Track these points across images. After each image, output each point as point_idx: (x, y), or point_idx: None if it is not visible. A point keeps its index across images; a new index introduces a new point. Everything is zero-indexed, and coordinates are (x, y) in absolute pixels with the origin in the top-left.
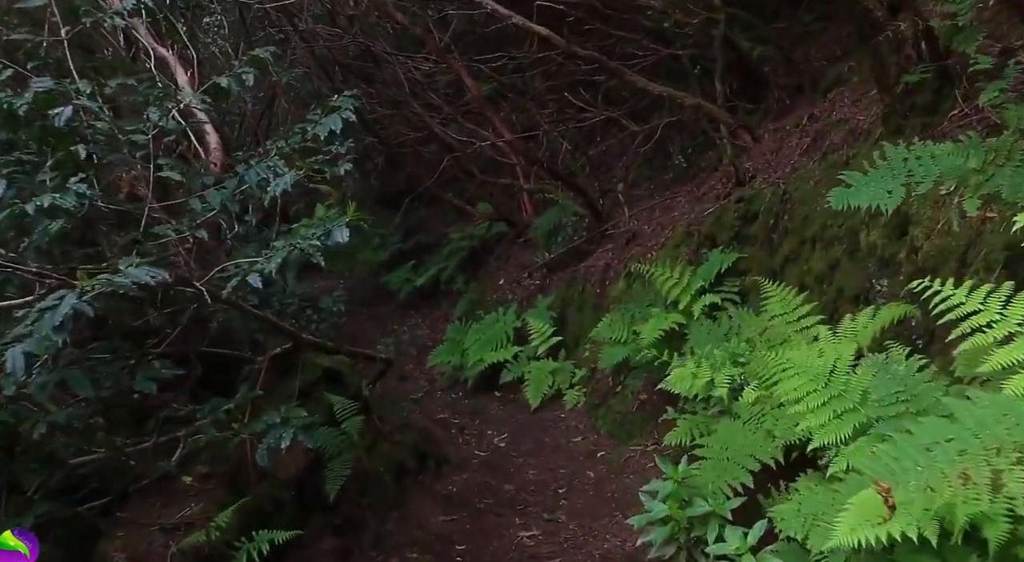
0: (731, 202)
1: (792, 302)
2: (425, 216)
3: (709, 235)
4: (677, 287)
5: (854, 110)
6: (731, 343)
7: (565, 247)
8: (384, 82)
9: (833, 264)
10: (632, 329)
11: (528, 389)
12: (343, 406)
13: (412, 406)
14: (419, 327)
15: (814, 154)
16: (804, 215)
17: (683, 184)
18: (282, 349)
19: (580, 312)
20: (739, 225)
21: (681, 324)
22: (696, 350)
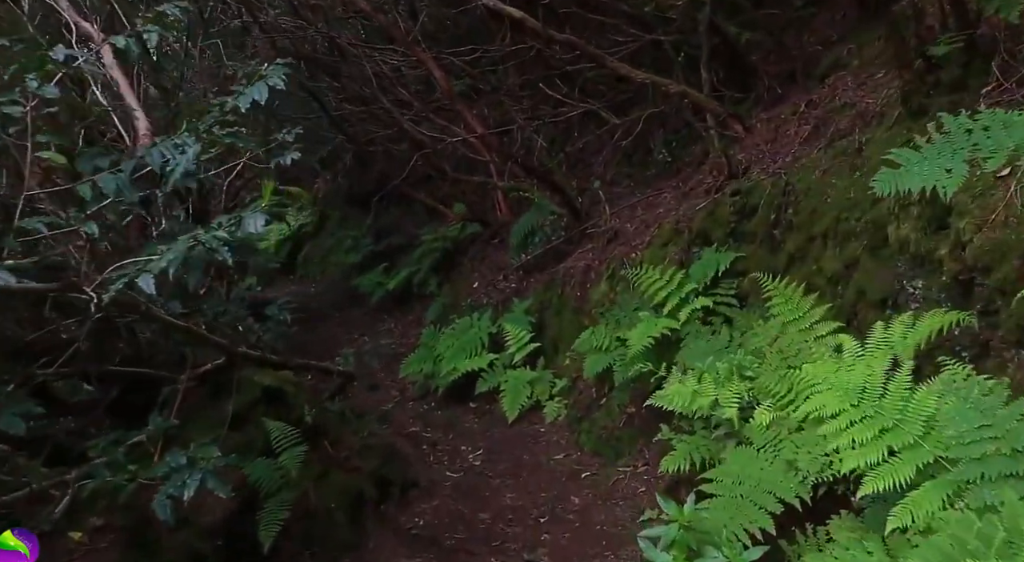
0: (725, 196)
1: (803, 305)
2: (398, 217)
3: (701, 232)
4: (666, 289)
5: (860, 94)
6: (736, 354)
7: (542, 248)
8: (351, 77)
9: (850, 263)
10: (617, 335)
11: (504, 400)
12: (282, 433)
13: (377, 426)
14: (391, 332)
15: (817, 142)
16: (812, 208)
17: (667, 179)
18: (213, 365)
19: (559, 316)
20: (735, 221)
21: (673, 330)
22: (694, 362)
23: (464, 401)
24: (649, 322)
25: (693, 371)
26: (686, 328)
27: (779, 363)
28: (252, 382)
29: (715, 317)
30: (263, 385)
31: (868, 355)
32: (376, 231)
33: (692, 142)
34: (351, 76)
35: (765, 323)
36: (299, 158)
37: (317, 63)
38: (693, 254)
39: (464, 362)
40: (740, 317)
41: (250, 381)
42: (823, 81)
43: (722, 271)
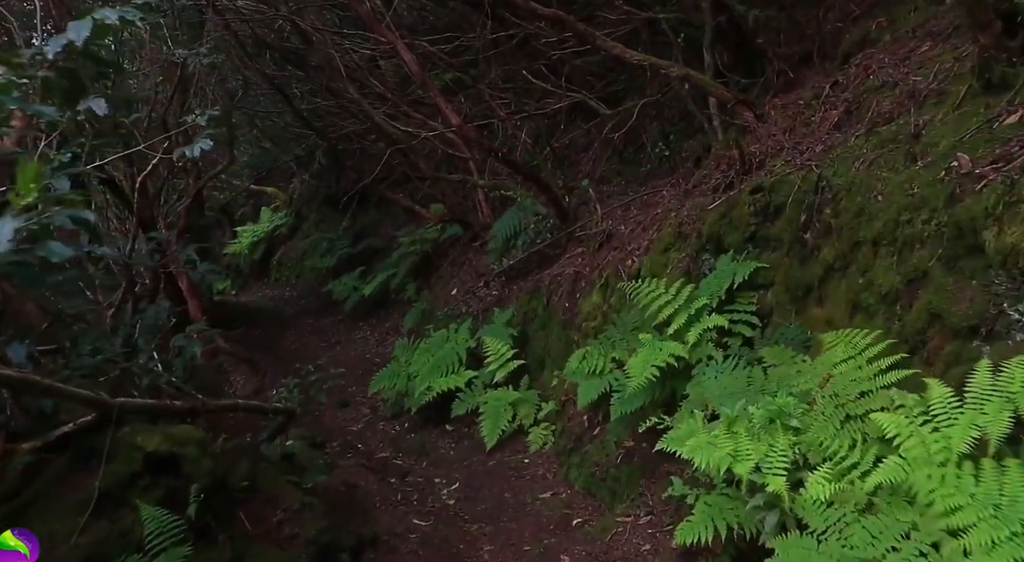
0: (743, 194)
1: (855, 335)
2: (376, 218)
3: (713, 237)
4: (672, 306)
5: (902, 70)
6: (777, 397)
7: (526, 252)
8: (319, 67)
9: (916, 277)
10: (613, 356)
11: (484, 424)
12: (160, 526)
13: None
14: (367, 340)
15: (853, 128)
16: (857, 208)
17: (664, 176)
18: (76, 424)
19: (545, 330)
20: (756, 223)
21: (681, 359)
22: (720, 404)
23: (440, 423)
24: (652, 346)
25: (722, 418)
26: (697, 352)
27: (833, 411)
28: (132, 446)
29: (732, 339)
30: (149, 449)
31: (973, 408)
32: (353, 233)
33: (693, 134)
34: (319, 66)
35: (810, 358)
36: (210, 147)
37: (281, 52)
38: (703, 262)
39: (439, 380)
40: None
41: (131, 445)
42: (846, 61)
43: (739, 283)
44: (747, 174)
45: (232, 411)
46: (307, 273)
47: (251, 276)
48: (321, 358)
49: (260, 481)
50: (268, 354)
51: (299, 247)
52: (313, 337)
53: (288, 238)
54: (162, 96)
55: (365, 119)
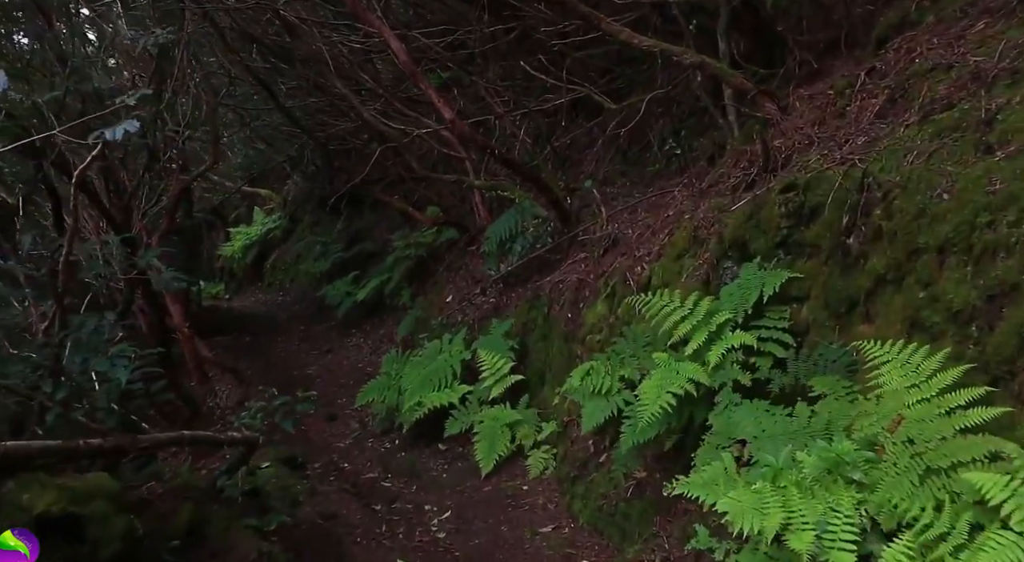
0: (772, 193)
1: (911, 350)
2: (371, 221)
3: (736, 242)
4: (690, 321)
5: (958, 51)
6: (831, 441)
7: (525, 257)
8: (305, 60)
9: (1000, 292)
10: (622, 375)
11: (479, 447)
12: None
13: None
14: (360, 348)
15: (901, 117)
16: (916, 208)
17: (674, 175)
18: None
19: (546, 342)
20: (788, 226)
21: (701, 385)
22: (760, 449)
23: (433, 441)
24: (667, 368)
25: (762, 466)
26: (720, 376)
27: (909, 462)
28: (16, 506)
29: (760, 359)
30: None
31: None
32: (348, 236)
33: (704, 130)
34: (306, 60)
35: (872, 395)
36: (135, 130)
37: (266, 45)
38: (724, 271)
39: (431, 395)
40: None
41: (14, 504)
42: (881, 46)
43: (769, 296)
44: (771, 171)
45: (175, 445)
46: (301, 277)
47: (244, 280)
48: (312, 367)
49: (209, 528)
50: (257, 362)
51: (293, 250)
52: (304, 344)
53: (282, 241)
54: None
55: (356, 117)
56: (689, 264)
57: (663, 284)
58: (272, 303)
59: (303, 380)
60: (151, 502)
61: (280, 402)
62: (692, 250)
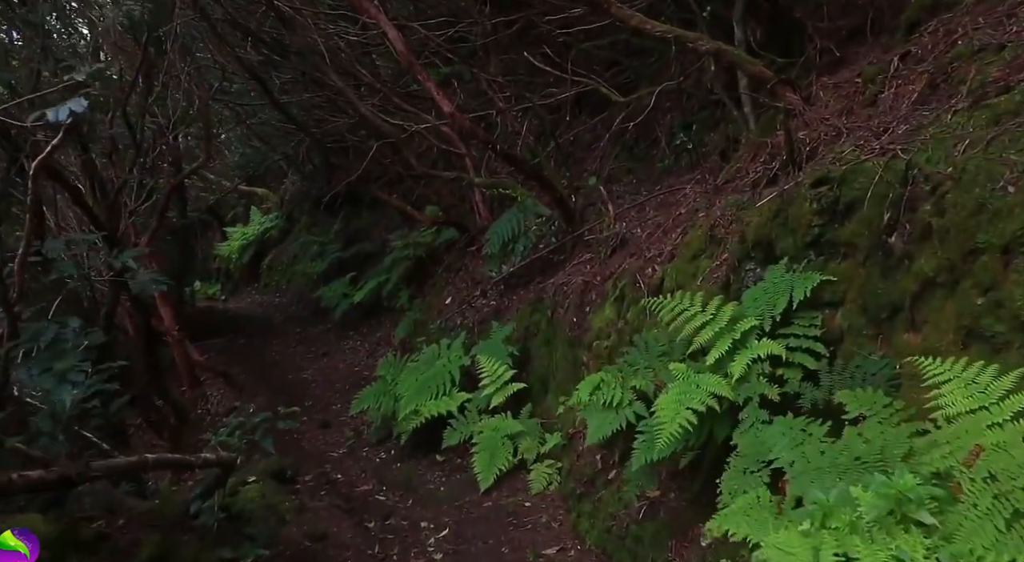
0: (802, 188)
1: (977, 368)
2: (369, 221)
3: (761, 241)
4: (711, 328)
5: (1008, 31)
6: (891, 475)
7: (527, 258)
8: (300, 53)
9: None
10: (633, 385)
11: (478, 459)
12: None
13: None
14: (356, 351)
15: (947, 102)
16: (974, 203)
17: (685, 172)
18: None
19: (549, 347)
20: (820, 223)
21: (725, 398)
22: (803, 484)
23: (430, 451)
24: (686, 381)
25: (809, 503)
26: (745, 390)
27: (992, 504)
28: None
29: (789, 371)
30: None
31: None
32: (345, 236)
33: (717, 124)
34: (300, 52)
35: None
36: (83, 110)
37: (259, 36)
38: (746, 273)
39: (429, 403)
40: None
41: None
42: (913, 31)
43: (798, 301)
44: (796, 165)
45: (136, 472)
46: (297, 278)
47: (241, 280)
48: (307, 370)
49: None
50: (251, 366)
51: (290, 251)
52: (300, 347)
53: (279, 241)
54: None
55: (353, 112)
56: (705, 265)
57: (677, 287)
58: (268, 304)
59: (298, 385)
60: (108, 536)
61: (260, 418)
62: (709, 250)
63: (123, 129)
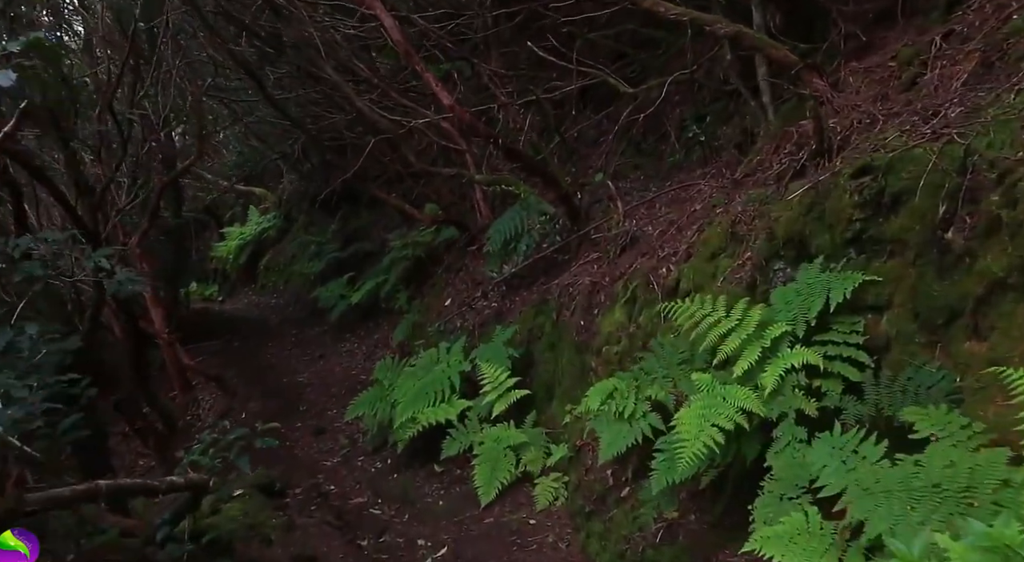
0: (840, 178)
1: None
2: (368, 220)
3: (793, 238)
4: (738, 335)
5: None
6: (996, 524)
7: (530, 257)
8: (295, 47)
9: None
10: (648, 395)
11: (479, 471)
12: None
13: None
14: (353, 354)
15: (1008, 82)
16: None
17: (697, 166)
18: None
19: (554, 351)
20: (863, 218)
21: (756, 414)
22: (876, 526)
23: (428, 461)
24: (711, 394)
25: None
26: (778, 404)
27: None
28: None
29: (827, 382)
30: None
31: None
32: (343, 236)
33: (731, 116)
34: (296, 46)
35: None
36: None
37: (251, 29)
38: (775, 273)
39: (427, 411)
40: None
41: None
42: (953, 9)
43: (837, 303)
44: (826, 155)
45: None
46: (295, 279)
47: (238, 281)
48: (303, 374)
49: None
50: (245, 369)
51: (287, 251)
52: (296, 349)
53: (277, 241)
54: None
55: (350, 108)
56: (726, 265)
57: (694, 288)
58: (265, 305)
59: (292, 389)
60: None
61: (236, 435)
62: (730, 249)
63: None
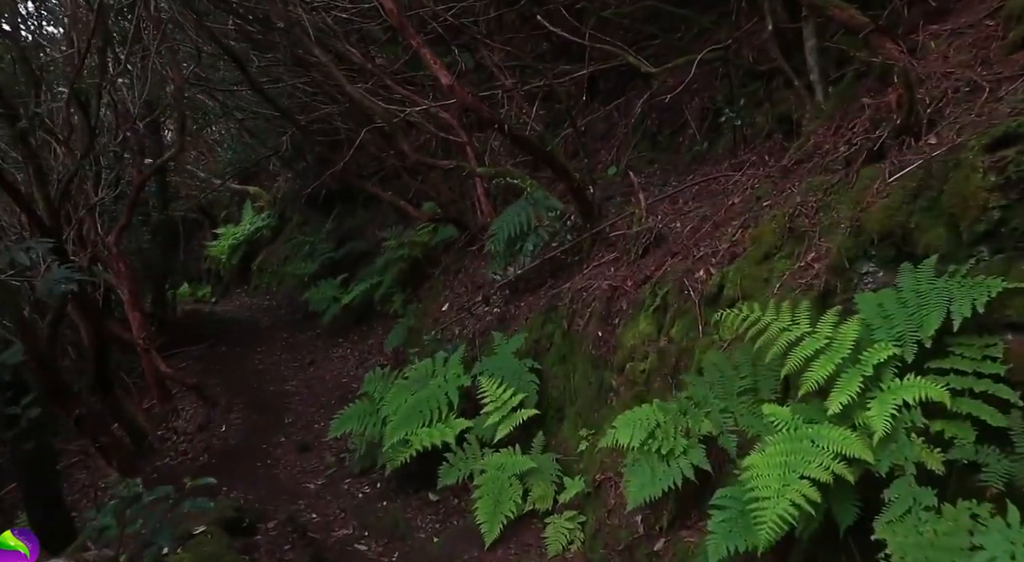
0: (969, 153)
1: None
2: (363, 220)
3: (892, 231)
4: (829, 358)
5: None
6: None
7: (537, 258)
8: (283, 29)
9: None
10: (703, 433)
11: (480, 505)
12: None
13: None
14: (345, 360)
15: None
16: None
17: (725, 156)
18: None
19: (565, 365)
20: (1002, 204)
21: (862, 462)
22: None
23: (422, 487)
24: (795, 436)
25: None
26: (888, 454)
27: None
28: None
29: (955, 428)
30: None
31: None
32: (338, 235)
33: (766, 99)
34: (284, 28)
35: None
36: None
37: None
38: (862, 278)
39: (420, 432)
40: None
41: None
42: None
43: (963, 319)
44: (913, 132)
45: None
46: (288, 280)
47: (231, 282)
48: (291, 381)
49: None
50: (230, 376)
51: (281, 251)
52: (286, 355)
53: (271, 241)
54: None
55: (343, 97)
56: (783, 267)
57: (742, 295)
58: (257, 307)
59: (279, 398)
60: None
61: (155, 495)
62: (787, 248)
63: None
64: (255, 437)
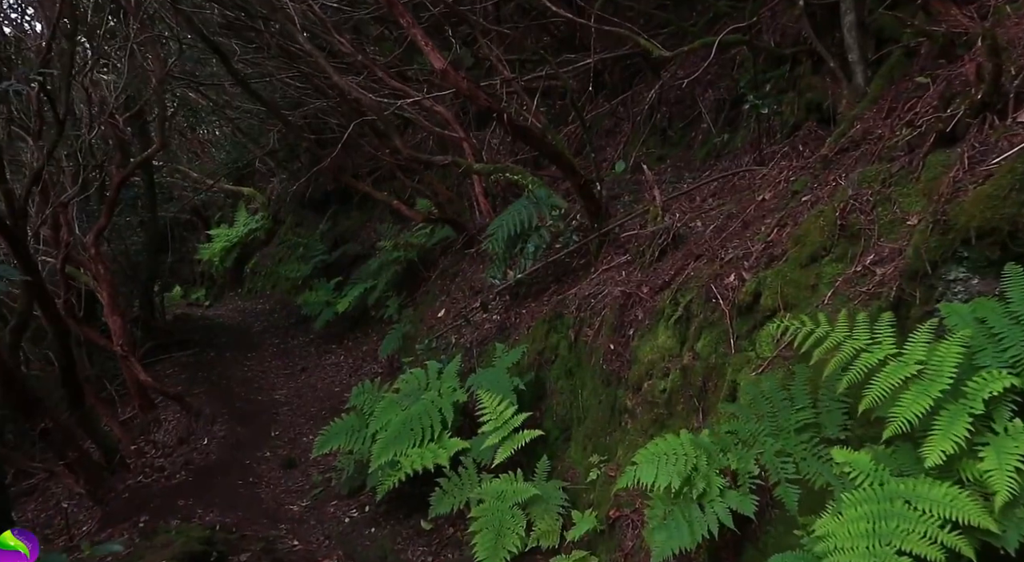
0: None
1: None
2: (358, 221)
3: (996, 227)
4: (924, 388)
5: None
6: None
7: (540, 261)
8: (267, 18)
9: None
10: (733, 465)
11: (479, 541)
12: None
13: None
14: (338, 367)
15: None
16: None
17: (747, 150)
18: None
19: (571, 380)
20: None
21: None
22: None
23: (414, 513)
24: (881, 493)
25: None
26: (1017, 522)
27: None
28: None
29: None
30: None
31: None
32: (333, 237)
33: (796, 83)
34: (267, 17)
35: None
36: None
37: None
38: (949, 285)
39: (411, 453)
40: None
41: None
42: None
43: None
44: (993, 109)
45: None
46: (281, 283)
47: (225, 285)
48: (281, 390)
49: None
50: (217, 385)
51: (274, 253)
52: (277, 361)
53: (265, 243)
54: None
55: (333, 91)
56: (833, 271)
57: (784, 304)
58: (249, 311)
59: (267, 408)
60: None
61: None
62: (839, 248)
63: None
64: (239, 451)
